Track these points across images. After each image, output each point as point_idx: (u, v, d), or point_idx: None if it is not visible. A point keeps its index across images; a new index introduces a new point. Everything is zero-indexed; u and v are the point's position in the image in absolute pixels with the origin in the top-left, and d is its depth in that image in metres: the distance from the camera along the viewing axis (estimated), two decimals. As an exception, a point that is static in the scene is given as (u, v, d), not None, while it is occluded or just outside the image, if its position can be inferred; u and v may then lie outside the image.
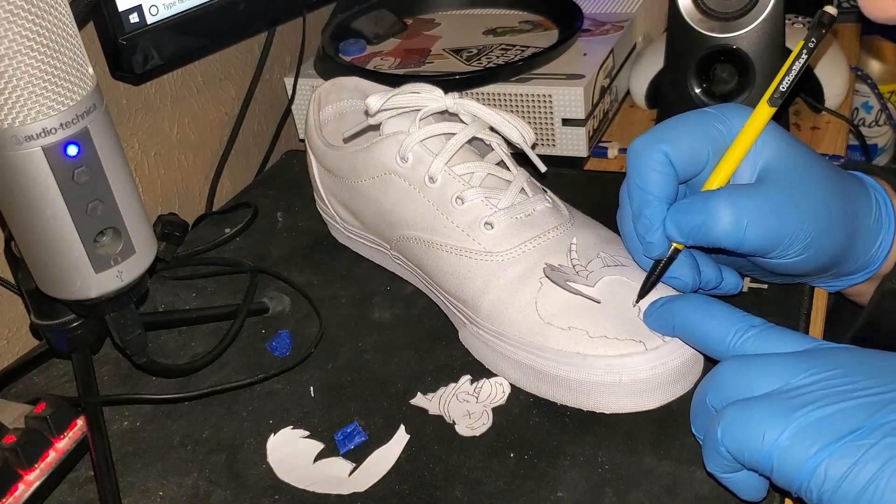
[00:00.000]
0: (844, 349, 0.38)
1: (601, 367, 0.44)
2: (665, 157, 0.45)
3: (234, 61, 0.78)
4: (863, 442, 0.33)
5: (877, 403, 0.34)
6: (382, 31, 0.83)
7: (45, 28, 0.37)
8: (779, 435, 0.34)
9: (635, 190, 0.45)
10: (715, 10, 0.66)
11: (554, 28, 0.80)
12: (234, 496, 0.44)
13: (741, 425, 0.36)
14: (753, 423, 0.35)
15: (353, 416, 0.48)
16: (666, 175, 0.45)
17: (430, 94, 0.53)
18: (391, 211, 0.54)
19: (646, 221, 0.45)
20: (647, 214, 0.45)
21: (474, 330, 0.50)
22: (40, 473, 0.45)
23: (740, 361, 0.38)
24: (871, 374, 0.35)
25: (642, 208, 0.45)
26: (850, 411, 0.34)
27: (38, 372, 0.55)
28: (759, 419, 0.35)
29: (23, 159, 0.38)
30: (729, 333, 0.40)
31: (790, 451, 0.34)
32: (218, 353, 0.53)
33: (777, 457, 0.35)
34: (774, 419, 0.35)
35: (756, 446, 0.35)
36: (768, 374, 0.37)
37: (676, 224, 0.44)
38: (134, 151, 0.69)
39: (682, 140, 0.45)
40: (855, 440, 0.33)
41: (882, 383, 0.35)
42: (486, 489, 0.43)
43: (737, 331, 0.40)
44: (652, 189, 0.45)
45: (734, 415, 0.36)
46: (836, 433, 0.34)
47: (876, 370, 0.36)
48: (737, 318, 0.41)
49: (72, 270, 0.42)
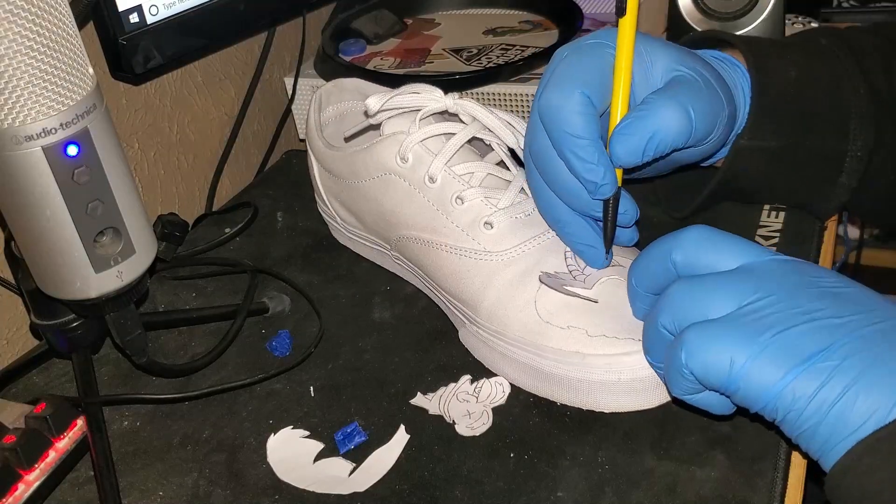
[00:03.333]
0: (781, 263, 0.39)
1: (600, 365, 0.44)
2: (585, 97, 0.44)
3: (234, 61, 0.78)
4: (826, 364, 0.35)
5: (831, 326, 0.36)
6: (382, 31, 0.83)
7: (45, 28, 0.37)
8: (745, 359, 0.36)
9: (566, 140, 0.44)
10: (715, 10, 0.66)
11: (554, 28, 0.80)
12: (234, 496, 0.44)
13: (706, 350, 0.37)
14: (719, 347, 0.36)
15: (353, 416, 0.48)
16: (591, 115, 0.45)
17: (430, 95, 0.53)
18: (391, 211, 0.54)
19: (589, 165, 0.44)
20: (588, 158, 0.44)
21: (474, 330, 0.50)
22: (40, 473, 0.45)
23: (690, 284, 0.39)
24: (817, 297, 0.37)
25: (580, 154, 0.44)
26: (810, 334, 0.35)
27: (38, 372, 0.55)
28: (725, 344, 0.36)
29: (23, 159, 0.38)
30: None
31: (758, 374, 0.36)
32: (218, 353, 0.53)
33: (744, 379, 0.36)
34: (739, 343, 0.36)
35: (723, 370, 0.36)
36: (722, 297, 0.38)
37: (626, 147, 0.44)
38: (134, 151, 0.69)
39: (591, 77, 0.45)
40: (819, 362, 0.35)
41: (828, 306, 0.36)
42: (486, 489, 0.43)
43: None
44: (584, 132, 0.44)
45: (698, 340, 0.37)
46: (800, 356, 0.35)
47: (819, 293, 0.37)
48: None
49: (72, 270, 0.42)
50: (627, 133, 0.44)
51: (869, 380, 0.34)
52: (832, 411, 0.34)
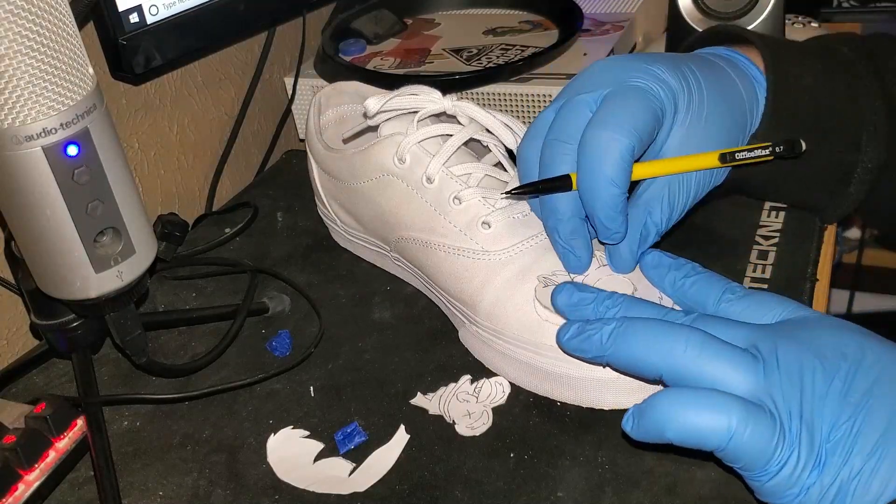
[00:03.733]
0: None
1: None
2: (632, 148, 0.44)
3: (234, 61, 0.78)
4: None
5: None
6: (382, 31, 0.83)
7: (45, 28, 0.37)
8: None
9: (602, 182, 0.44)
10: (715, 10, 0.66)
11: (554, 28, 0.80)
12: (234, 496, 0.44)
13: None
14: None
15: (353, 416, 0.48)
16: (630, 165, 0.45)
17: (429, 96, 0.53)
18: (390, 212, 0.54)
19: (612, 214, 0.44)
20: (613, 207, 0.44)
21: (473, 329, 0.50)
22: (40, 473, 0.45)
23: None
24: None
25: (608, 202, 0.44)
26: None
27: (38, 372, 0.55)
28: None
29: (23, 159, 0.38)
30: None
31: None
32: (218, 353, 0.53)
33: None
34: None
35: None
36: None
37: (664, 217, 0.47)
38: (134, 151, 0.69)
39: (643, 127, 0.45)
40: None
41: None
42: (486, 489, 0.43)
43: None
44: (622, 183, 0.44)
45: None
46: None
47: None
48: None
49: (72, 270, 0.42)
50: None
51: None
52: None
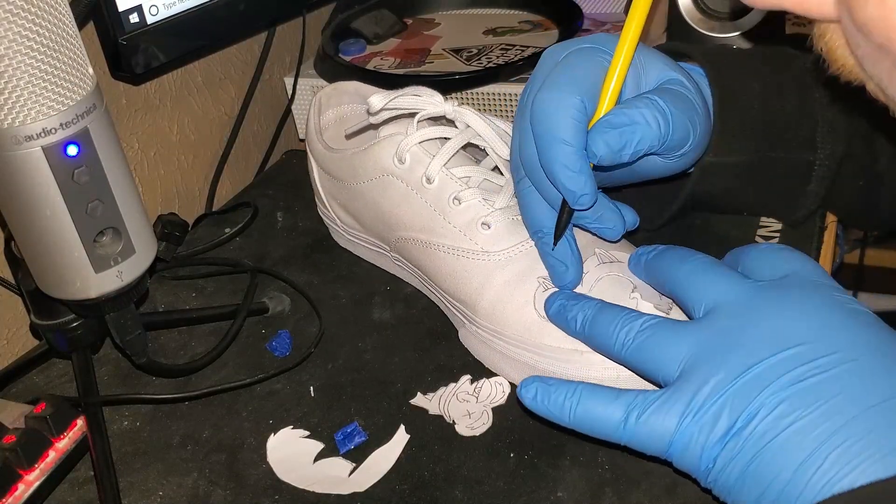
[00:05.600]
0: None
1: (599, 362, 0.44)
2: (581, 103, 0.44)
3: (234, 61, 0.78)
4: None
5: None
6: (382, 31, 0.83)
7: (45, 28, 0.37)
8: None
9: (553, 145, 0.43)
10: (715, 10, 0.66)
11: (554, 28, 0.80)
12: (234, 496, 0.44)
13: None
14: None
15: (353, 416, 0.48)
16: (582, 122, 0.44)
17: (431, 99, 0.53)
18: (389, 212, 0.54)
19: (571, 174, 0.43)
20: (571, 166, 0.43)
21: (473, 329, 0.50)
22: (40, 473, 0.45)
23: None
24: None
25: (564, 161, 0.43)
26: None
27: (38, 372, 0.55)
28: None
29: (23, 159, 0.38)
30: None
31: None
32: (218, 353, 0.53)
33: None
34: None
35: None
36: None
37: (607, 143, 0.43)
38: (134, 151, 0.69)
39: (588, 83, 0.44)
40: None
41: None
42: (486, 489, 0.43)
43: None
44: (572, 139, 0.43)
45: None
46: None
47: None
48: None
49: (72, 270, 0.42)
50: (609, 126, 0.43)
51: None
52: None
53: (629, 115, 0.44)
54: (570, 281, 0.46)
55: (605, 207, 0.47)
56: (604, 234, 0.48)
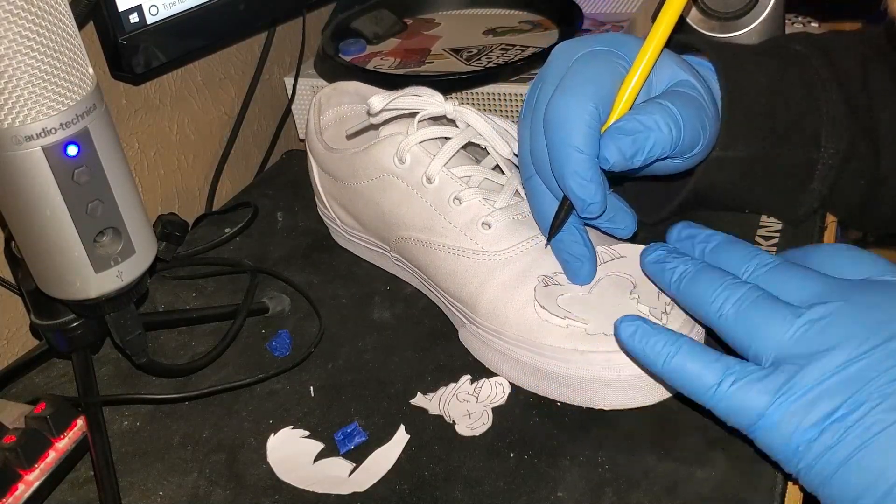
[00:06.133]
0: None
1: (600, 362, 0.44)
2: (596, 111, 0.44)
3: (234, 61, 0.78)
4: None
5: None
6: (382, 31, 0.83)
7: (45, 28, 0.37)
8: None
9: (566, 151, 0.43)
10: (715, 10, 0.66)
11: (554, 28, 0.80)
12: (234, 496, 0.44)
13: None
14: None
15: (353, 416, 0.48)
16: (596, 129, 0.44)
17: (431, 99, 0.53)
18: (390, 212, 0.54)
19: (583, 182, 0.43)
20: (583, 174, 0.43)
21: (473, 329, 0.50)
22: (40, 473, 0.45)
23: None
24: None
25: (576, 169, 0.43)
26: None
27: (38, 372, 0.55)
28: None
29: (23, 159, 0.38)
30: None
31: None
32: (218, 353, 0.53)
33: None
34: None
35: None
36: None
37: (619, 149, 0.43)
38: (134, 151, 0.69)
39: (604, 90, 0.44)
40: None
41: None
42: (486, 489, 0.43)
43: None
44: (586, 147, 0.43)
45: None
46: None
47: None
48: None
49: (72, 270, 0.42)
50: (621, 132, 0.43)
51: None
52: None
53: (642, 121, 0.44)
54: (585, 277, 0.47)
55: (616, 208, 0.47)
56: (616, 233, 0.48)
